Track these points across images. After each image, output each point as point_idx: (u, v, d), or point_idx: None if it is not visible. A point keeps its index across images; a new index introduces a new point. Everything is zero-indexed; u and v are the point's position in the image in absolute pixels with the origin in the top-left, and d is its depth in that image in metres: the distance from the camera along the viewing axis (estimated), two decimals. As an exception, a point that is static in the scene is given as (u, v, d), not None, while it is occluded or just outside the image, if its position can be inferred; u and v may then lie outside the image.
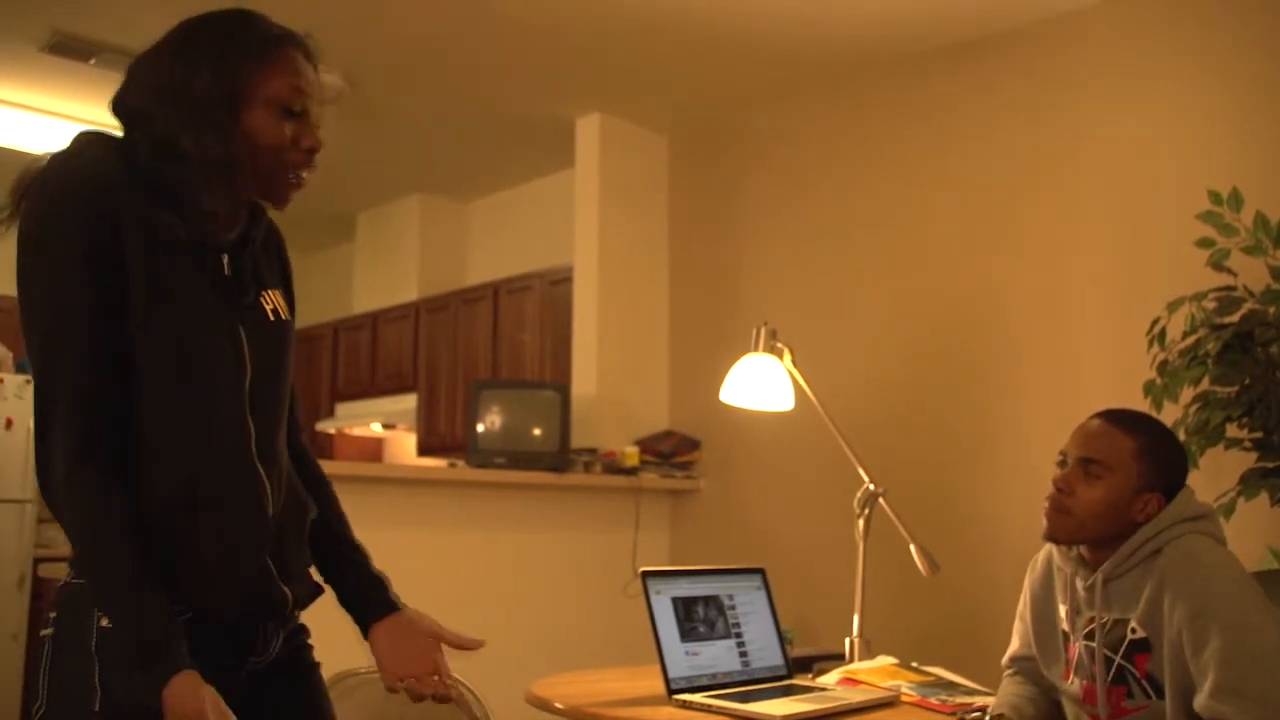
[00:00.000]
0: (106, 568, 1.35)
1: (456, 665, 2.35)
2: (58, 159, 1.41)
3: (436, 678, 1.62)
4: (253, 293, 1.53)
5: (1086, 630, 1.97)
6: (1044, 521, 2.00)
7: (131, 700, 1.34)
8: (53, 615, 1.42)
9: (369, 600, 1.67)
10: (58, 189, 1.38)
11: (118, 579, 1.34)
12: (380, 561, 1.74)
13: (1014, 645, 2.20)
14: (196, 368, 1.42)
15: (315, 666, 1.64)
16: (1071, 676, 2.00)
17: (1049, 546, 2.12)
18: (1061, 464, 2.01)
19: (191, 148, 1.41)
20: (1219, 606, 1.77)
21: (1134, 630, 1.88)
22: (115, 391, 1.38)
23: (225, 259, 1.50)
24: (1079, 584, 2.00)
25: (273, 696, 1.53)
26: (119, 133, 1.48)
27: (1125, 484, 1.93)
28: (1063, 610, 2.06)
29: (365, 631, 1.66)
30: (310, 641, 1.64)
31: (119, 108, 1.48)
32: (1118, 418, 2.00)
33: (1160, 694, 1.85)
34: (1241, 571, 1.85)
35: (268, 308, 1.54)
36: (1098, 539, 1.96)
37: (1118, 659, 1.90)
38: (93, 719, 1.35)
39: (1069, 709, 2.05)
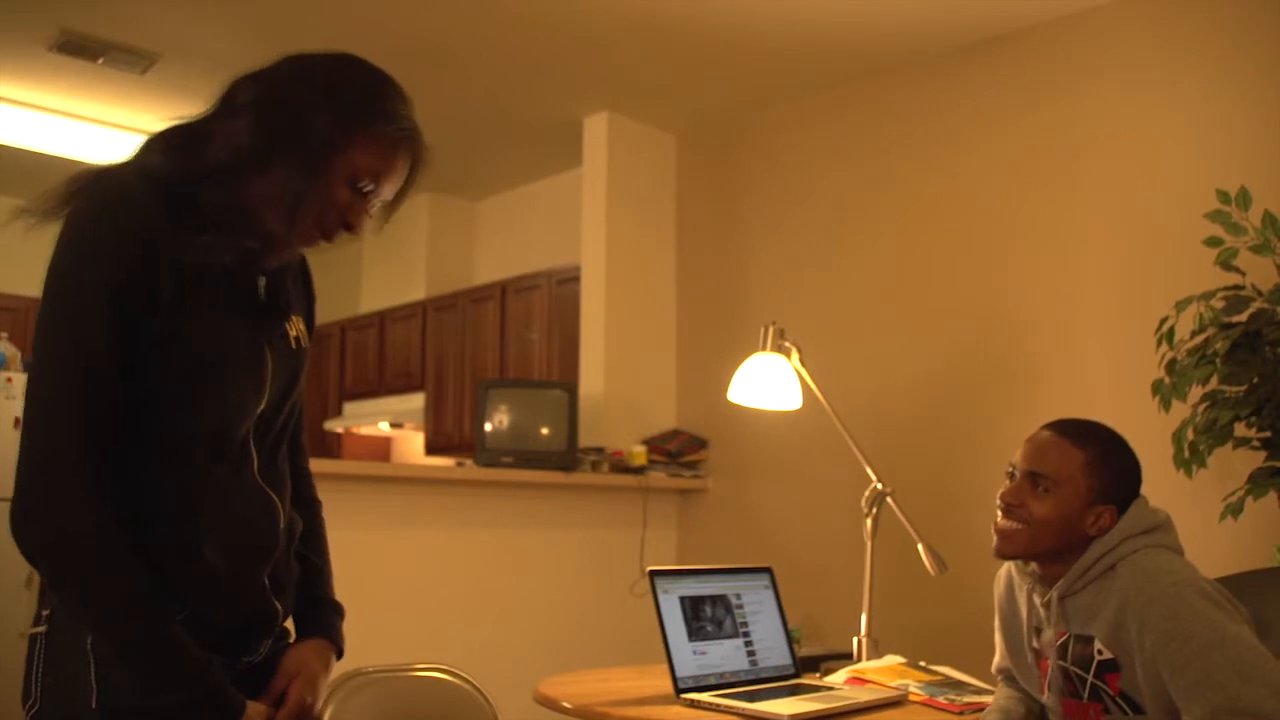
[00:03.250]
0: (142, 625, 1.35)
1: (465, 663, 2.36)
2: (102, 178, 1.41)
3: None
4: (284, 318, 1.55)
5: (1052, 647, 1.92)
6: (993, 538, 1.93)
7: (130, 699, 1.35)
8: (45, 613, 1.42)
9: (313, 616, 1.68)
10: (97, 212, 1.38)
11: (160, 638, 1.35)
12: (388, 561, 1.75)
13: (996, 656, 2.18)
14: (216, 390, 1.43)
15: None
16: (1046, 692, 1.97)
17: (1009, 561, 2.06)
18: (1011, 477, 1.95)
19: (281, 170, 1.43)
20: (1190, 627, 1.70)
21: (1100, 651, 1.83)
22: (125, 419, 1.38)
23: (261, 282, 1.51)
24: (1037, 600, 1.95)
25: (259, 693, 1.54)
26: (168, 138, 1.49)
27: (1075, 498, 1.86)
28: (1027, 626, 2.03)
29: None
30: (290, 642, 1.66)
31: (238, 92, 1.48)
32: (1066, 428, 1.93)
33: (1136, 709, 1.80)
34: (1202, 582, 1.77)
35: (291, 334, 1.57)
36: (1049, 554, 1.90)
37: (1090, 678, 1.85)
38: (89, 716, 1.36)
39: None
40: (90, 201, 1.39)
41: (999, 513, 1.94)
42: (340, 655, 1.68)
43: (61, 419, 1.33)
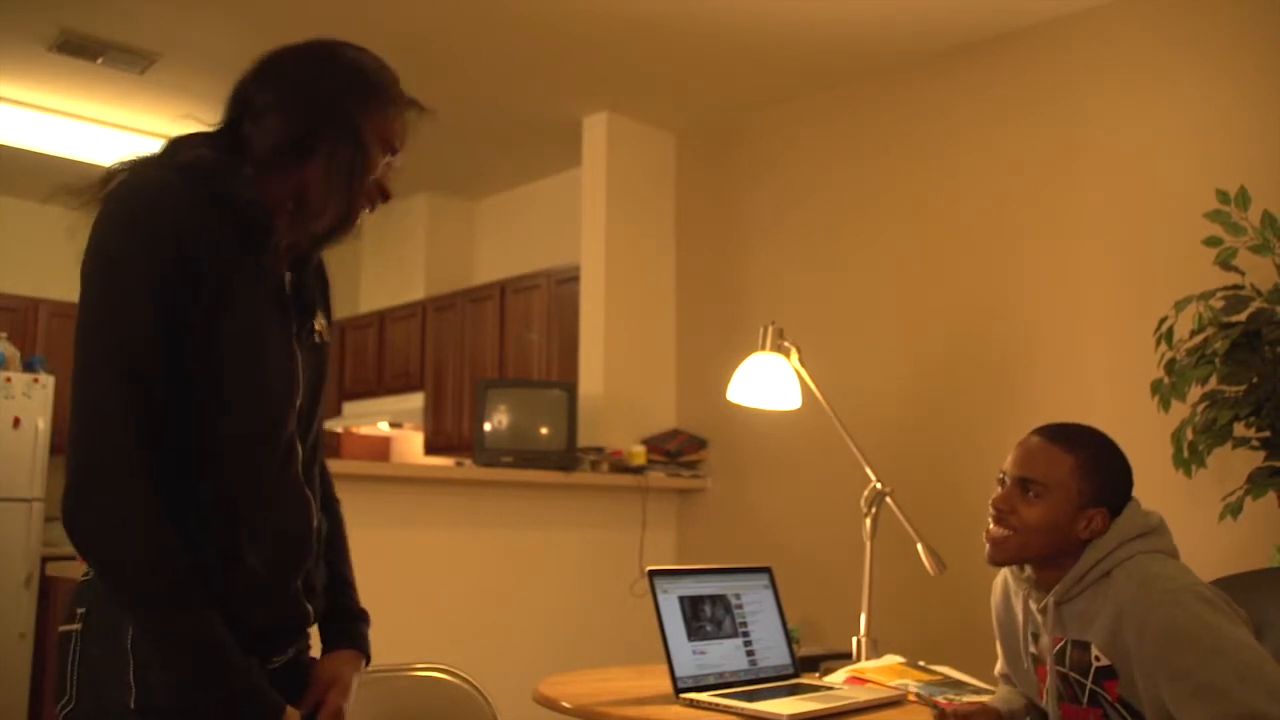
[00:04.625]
0: (189, 623, 1.34)
1: (464, 663, 2.36)
2: (139, 173, 1.42)
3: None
4: (311, 313, 1.57)
5: (1050, 653, 1.92)
6: (985, 546, 1.93)
7: (169, 699, 1.35)
8: (80, 611, 1.42)
9: (343, 625, 1.69)
10: (135, 208, 1.38)
11: (205, 636, 1.35)
12: (387, 561, 1.76)
13: (999, 662, 2.18)
14: (258, 388, 1.44)
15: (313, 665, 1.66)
16: (1045, 698, 1.97)
17: (1005, 568, 2.06)
18: (1002, 483, 1.95)
19: (328, 150, 1.46)
20: (1191, 633, 1.70)
21: (1098, 658, 1.82)
22: (168, 418, 1.38)
23: (288, 277, 1.52)
24: (1033, 606, 1.95)
25: (285, 694, 1.55)
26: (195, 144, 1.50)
27: (1066, 502, 1.86)
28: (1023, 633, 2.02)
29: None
30: (309, 644, 1.67)
31: (243, 97, 1.51)
32: (1055, 434, 1.93)
33: (1135, 715, 1.80)
34: (1200, 586, 1.77)
35: (316, 329, 1.58)
36: (1042, 559, 1.90)
37: (1089, 684, 1.85)
38: (128, 715, 1.36)
39: None
40: (127, 197, 1.39)
41: (990, 519, 1.94)
42: (369, 663, 1.69)
43: (114, 417, 1.33)
